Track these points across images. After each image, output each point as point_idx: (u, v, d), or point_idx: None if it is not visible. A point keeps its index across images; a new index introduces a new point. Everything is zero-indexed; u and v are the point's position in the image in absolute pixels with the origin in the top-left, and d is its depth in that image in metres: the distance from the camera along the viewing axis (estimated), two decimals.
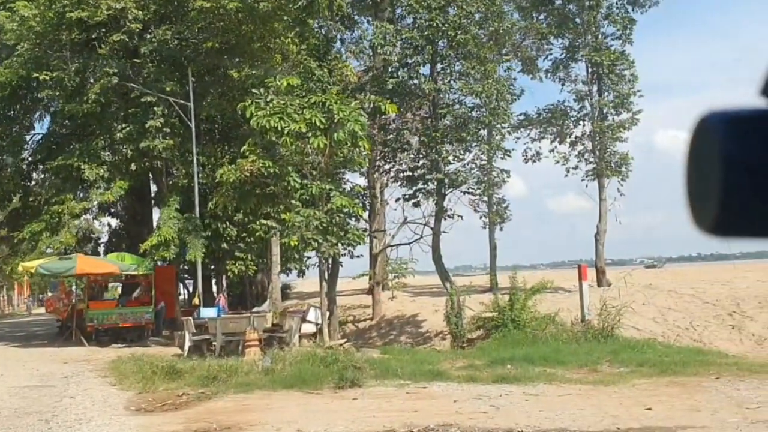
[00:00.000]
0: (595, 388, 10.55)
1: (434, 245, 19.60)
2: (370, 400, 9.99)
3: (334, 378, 11.29)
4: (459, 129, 18.15)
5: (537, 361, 12.98)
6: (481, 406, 9.24)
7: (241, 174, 15.33)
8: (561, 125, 31.04)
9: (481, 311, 18.61)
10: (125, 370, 13.43)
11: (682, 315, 20.83)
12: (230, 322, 17.13)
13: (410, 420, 8.41)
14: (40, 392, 11.61)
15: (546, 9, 31.20)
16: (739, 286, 24.99)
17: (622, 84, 29.26)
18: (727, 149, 0.67)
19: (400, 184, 19.48)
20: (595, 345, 14.87)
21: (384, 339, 21.98)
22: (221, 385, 11.50)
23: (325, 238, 15.41)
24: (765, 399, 9.34)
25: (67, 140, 23.26)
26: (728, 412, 8.54)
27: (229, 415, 9.30)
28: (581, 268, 17.24)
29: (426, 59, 17.91)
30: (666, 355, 13.77)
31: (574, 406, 9.08)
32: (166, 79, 21.00)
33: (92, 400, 10.84)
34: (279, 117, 14.54)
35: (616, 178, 28.99)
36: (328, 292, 18.30)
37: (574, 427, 7.86)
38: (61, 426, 8.72)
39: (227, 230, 23.48)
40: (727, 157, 0.67)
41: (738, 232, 0.69)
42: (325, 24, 19.82)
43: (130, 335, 21.81)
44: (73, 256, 20.32)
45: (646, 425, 7.92)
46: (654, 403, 9.13)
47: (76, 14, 19.64)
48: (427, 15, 17.32)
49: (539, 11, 31.27)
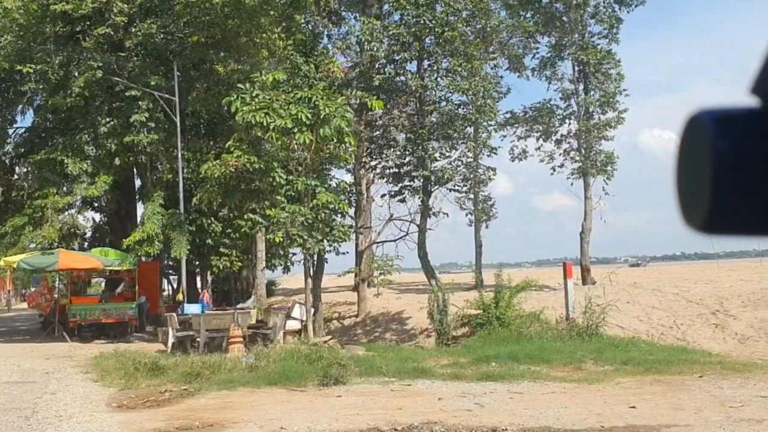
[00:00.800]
0: (579, 386, 10.56)
1: (420, 242, 19.57)
2: (354, 398, 9.94)
3: (319, 375, 11.23)
4: (445, 126, 18.11)
5: (522, 359, 13.00)
6: (465, 404, 9.21)
7: (226, 169, 15.19)
8: (547, 123, 30.99)
9: (466, 309, 18.62)
10: (107, 367, 13.29)
11: (666, 314, 20.96)
12: (214, 318, 16.98)
13: (394, 418, 8.37)
14: (21, 388, 11.45)
15: (533, 7, 31.06)
16: (722, 285, 25.16)
17: (608, 83, 29.18)
18: (717, 147, 0.68)
19: (386, 180, 19.43)
20: (580, 343, 14.90)
21: (369, 336, 21.91)
22: (204, 382, 11.41)
23: (311, 235, 15.33)
24: (748, 397, 9.38)
25: (50, 134, 23.02)
26: (711, 410, 8.57)
27: (211, 413, 9.21)
28: (566, 266, 17.28)
29: (413, 56, 17.85)
30: (650, 353, 13.82)
31: (559, 404, 9.08)
32: (151, 73, 20.77)
33: (73, 396, 10.71)
34: (265, 112, 14.43)
35: (602, 176, 28.97)
36: (313, 288, 18.21)
37: (558, 425, 7.85)
38: (42, 422, 8.60)
39: (212, 226, 23.34)
40: (718, 155, 0.67)
41: (728, 230, 0.69)
42: (312, 20, 19.65)
43: (113, 331, 21.63)
44: (55, 251, 20.09)
45: (630, 423, 7.92)
46: (638, 402, 9.15)
47: (60, 6, 19.37)
48: (414, 11, 17.26)
49: (526, 9, 31.16)
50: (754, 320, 19.73)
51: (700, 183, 0.68)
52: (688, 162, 0.72)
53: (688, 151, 0.72)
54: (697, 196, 0.69)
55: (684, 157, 0.73)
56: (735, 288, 24.00)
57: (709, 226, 0.69)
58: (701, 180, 0.68)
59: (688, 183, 0.72)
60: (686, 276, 29.74)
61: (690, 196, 0.71)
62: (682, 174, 0.73)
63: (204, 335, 16.40)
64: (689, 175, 0.71)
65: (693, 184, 0.70)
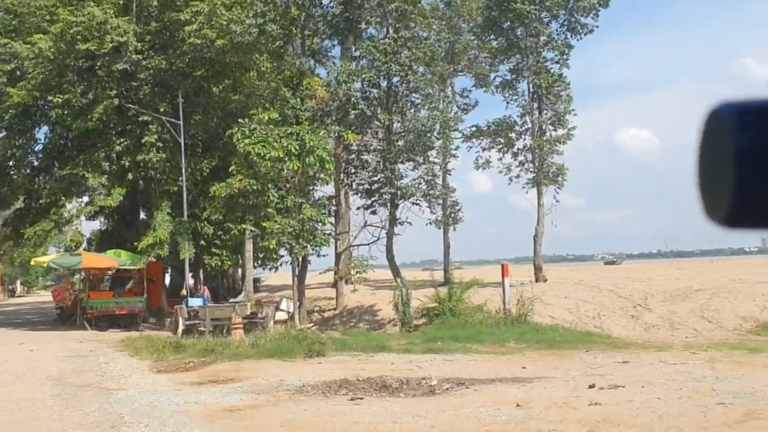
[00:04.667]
0: (495, 357, 14.45)
1: (388, 246, 23.36)
2: (331, 364, 13.75)
3: (304, 350, 15.02)
4: (409, 151, 21.96)
5: (461, 340, 16.87)
6: (409, 367, 13.06)
7: (231, 190, 18.95)
8: (507, 137, 34.85)
9: (426, 302, 22.48)
10: (138, 346, 17.00)
11: (594, 306, 24.88)
12: (217, 309, 20.77)
13: (358, 374, 12.18)
14: (80, 360, 15.15)
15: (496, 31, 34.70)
16: (655, 283, 28.96)
17: (559, 103, 32.90)
18: (739, 140, 0.68)
19: (360, 196, 23.24)
20: (510, 328, 18.80)
21: (345, 325, 25.66)
22: (218, 356, 15.14)
23: (298, 242, 19.15)
24: (609, 363, 13.28)
25: (69, 150, 26.53)
26: (577, 370, 12.45)
27: (229, 373, 12.97)
28: (504, 267, 21.18)
29: (382, 93, 21.65)
30: (561, 336, 17.74)
31: (474, 366, 12.95)
32: (160, 101, 24.42)
33: (122, 364, 14.43)
34: (262, 144, 18.20)
35: (553, 186, 32.85)
36: (299, 285, 22.00)
37: (467, 376, 11.72)
38: (113, 378, 12.34)
39: (204, 228, 26.77)
40: (740, 148, 0.67)
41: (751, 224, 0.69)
42: (298, 60, 23.30)
43: (123, 321, 25.21)
44: (79, 253, 23.70)
45: (516, 376, 11.79)
46: (530, 365, 13.04)
47: (84, 45, 22.95)
48: (383, 58, 21.06)
49: (490, 33, 34.68)
50: (665, 312, 23.72)
51: (722, 176, 0.68)
52: (709, 156, 0.72)
53: (709, 145, 0.72)
54: (719, 190, 0.69)
55: (705, 150, 0.72)
56: (664, 285, 27.82)
57: (731, 220, 0.69)
58: (723, 173, 0.68)
59: (709, 177, 0.71)
60: (631, 275, 33.75)
61: (712, 190, 0.71)
62: (704, 168, 0.72)
63: (209, 323, 20.15)
64: (711, 168, 0.71)
65: (715, 178, 0.70)
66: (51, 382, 11.75)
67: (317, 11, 22.94)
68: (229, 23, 21.66)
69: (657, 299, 25.47)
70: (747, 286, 26.33)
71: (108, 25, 22.78)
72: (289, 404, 9.57)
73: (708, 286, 27.10)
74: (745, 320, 22.52)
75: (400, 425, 8.09)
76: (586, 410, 8.82)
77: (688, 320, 22.72)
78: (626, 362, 13.28)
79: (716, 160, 0.69)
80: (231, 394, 10.49)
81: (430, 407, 9.17)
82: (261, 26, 21.46)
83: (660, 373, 11.97)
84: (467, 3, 35.56)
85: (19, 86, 23.72)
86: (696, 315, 23.26)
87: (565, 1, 32.43)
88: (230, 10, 22.98)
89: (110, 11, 23.30)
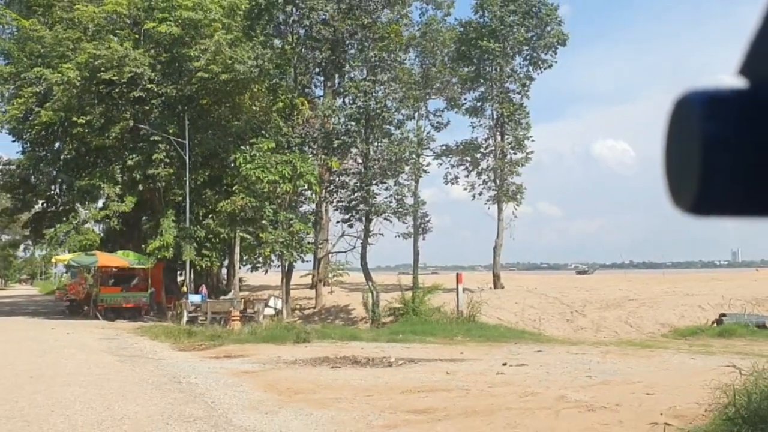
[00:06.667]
0: (442, 346, 18.54)
1: (362, 254, 27.38)
2: (315, 348, 17.75)
3: (293, 337, 19.00)
4: (383, 175, 26.04)
5: (419, 333, 20.96)
6: (375, 351, 17.08)
7: (234, 206, 22.90)
8: (473, 157, 38.92)
9: (393, 303, 26.55)
10: (155, 332, 20.87)
11: (537, 311, 29.07)
12: (217, 304, 24.67)
13: (336, 354, 16.19)
14: (114, 341, 18.99)
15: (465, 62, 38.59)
16: (598, 293, 33.09)
17: (519, 130, 36.90)
18: (705, 129, 0.69)
19: (339, 211, 27.27)
20: (460, 326, 22.90)
21: (323, 322, 29.57)
22: (223, 341, 19.05)
23: (288, 251, 23.15)
24: (527, 351, 17.36)
25: (85, 163, 30.28)
26: (500, 355, 16.53)
27: (236, 351, 16.90)
28: (458, 276, 25.33)
29: (361, 126, 25.70)
30: (501, 333, 21.92)
31: (425, 352, 17.02)
32: (168, 123, 28.26)
33: (149, 344, 18.30)
34: (261, 169, 22.20)
35: (513, 203, 36.99)
36: (286, 286, 25.98)
37: (417, 356, 15.78)
38: (150, 352, 16.22)
39: (197, 232, 30.51)
40: (706, 136, 0.69)
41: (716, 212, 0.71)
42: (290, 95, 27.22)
43: (128, 313, 28.95)
44: (95, 253, 27.48)
45: (453, 358, 15.86)
46: (467, 351, 17.14)
47: (106, 74, 26.74)
48: (362, 97, 25.13)
49: (461, 63, 38.51)
50: (596, 318, 27.99)
51: (689, 164, 0.70)
52: (676, 144, 0.73)
53: (676, 133, 0.73)
54: (685, 178, 0.71)
55: (672, 138, 0.73)
56: (605, 295, 31.97)
57: (697, 208, 0.70)
58: (690, 161, 0.70)
59: (676, 165, 0.73)
60: (583, 284, 38.14)
61: (678, 178, 0.72)
62: (671, 156, 0.74)
63: (210, 316, 24.05)
64: (678, 156, 0.72)
65: (681, 166, 0.71)
66: (107, 353, 15.65)
67: (308, 53, 26.95)
68: (233, 63, 25.60)
69: (593, 306, 29.65)
70: (675, 298, 30.61)
71: (127, 58, 26.59)
72: (288, 370, 13.58)
73: (642, 296, 31.41)
74: (662, 326, 26.81)
75: (366, 381, 12.12)
76: (492, 377, 12.92)
77: (613, 325, 27.03)
78: (540, 351, 17.43)
79: (682, 148, 0.71)
80: (243, 364, 14.47)
81: (387, 373, 13.24)
82: (260, 66, 25.44)
83: (561, 358, 16.11)
84: (441, 34, 39.27)
85: (47, 107, 27.43)
86: (621, 321, 27.57)
87: (527, 40, 36.26)
88: (232, 48, 26.93)
89: (128, 44, 27.13)
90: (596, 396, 10.75)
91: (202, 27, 27.06)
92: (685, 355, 16.92)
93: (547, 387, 11.87)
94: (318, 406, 9.55)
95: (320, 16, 25.82)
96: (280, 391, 10.78)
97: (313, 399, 10.14)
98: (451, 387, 11.73)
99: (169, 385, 10.87)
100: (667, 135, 0.74)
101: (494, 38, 35.04)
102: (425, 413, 9.45)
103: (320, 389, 11.13)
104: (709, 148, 0.68)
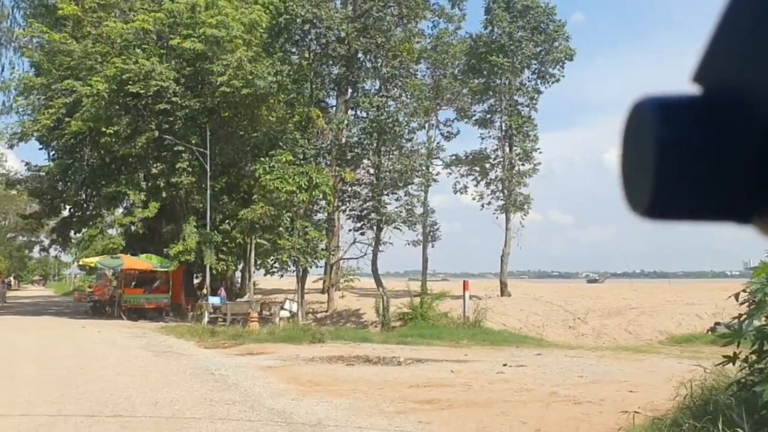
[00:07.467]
0: (449, 348, 19.85)
1: (373, 261, 28.74)
2: (330, 347, 19.10)
3: (309, 338, 20.36)
4: (393, 186, 27.42)
5: (426, 337, 22.27)
6: (385, 351, 18.42)
7: (255, 215, 24.34)
8: (482, 167, 40.13)
9: (402, 308, 27.88)
10: (180, 331, 22.29)
11: (541, 318, 30.31)
12: (236, 306, 26.08)
13: (350, 353, 17.54)
14: (144, 339, 20.41)
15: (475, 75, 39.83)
16: (602, 301, 34.21)
17: (527, 142, 38.08)
18: (658, 133, 0.70)
19: (352, 220, 28.68)
20: (466, 330, 24.21)
21: (335, 325, 30.95)
22: (244, 340, 20.44)
23: (303, 256, 24.55)
24: (527, 354, 18.65)
25: (111, 170, 31.83)
26: (502, 358, 17.81)
27: (257, 349, 18.28)
28: (465, 283, 26.64)
29: (373, 139, 27.10)
30: (504, 338, 23.19)
31: (431, 353, 18.33)
32: (191, 134, 29.76)
33: (176, 342, 19.70)
34: (280, 180, 23.62)
35: (520, 213, 38.18)
36: (300, 290, 27.37)
37: (424, 357, 17.09)
38: (179, 349, 17.61)
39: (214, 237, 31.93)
40: (659, 141, 0.69)
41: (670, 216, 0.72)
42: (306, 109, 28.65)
43: (150, 314, 30.41)
44: (120, 256, 28.99)
45: (458, 359, 17.14)
46: (471, 354, 18.42)
47: (133, 88, 28.26)
48: (375, 111, 26.53)
49: (472, 76, 39.74)
50: (597, 325, 29.20)
51: (644, 169, 0.70)
52: (631, 148, 0.74)
53: (631, 137, 0.74)
54: (640, 182, 0.71)
55: (628, 143, 0.74)
56: (608, 303, 33.08)
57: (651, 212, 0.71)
58: (644, 166, 0.70)
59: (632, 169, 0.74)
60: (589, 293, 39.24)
61: (634, 182, 0.73)
62: (627, 160, 0.75)
63: (230, 317, 25.46)
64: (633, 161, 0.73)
65: (637, 170, 0.72)
66: (141, 349, 17.08)
67: (324, 69, 28.42)
68: (254, 78, 27.07)
69: (595, 314, 30.81)
70: (675, 307, 31.69)
71: (153, 72, 28.12)
72: (306, 366, 14.95)
73: (644, 305, 32.52)
74: (660, 333, 27.95)
75: (377, 377, 13.47)
76: (493, 376, 14.23)
77: (613, 332, 28.22)
78: (539, 354, 18.71)
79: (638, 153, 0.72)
80: (265, 360, 15.84)
81: (397, 370, 14.58)
82: (279, 81, 26.92)
83: (558, 361, 17.38)
84: (452, 47, 40.45)
85: (76, 117, 28.98)
86: (621, 328, 28.75)
87: (535, 55, 37.42)
88: (252, 63, 28.42)
89: (154, 59, 28.67)
90: (584, 392, 12.05)
91: (224, 43, 28.53)
92: (674, 359, 18.16)
93: (542, 384, 13.17)
94: (336, 395, 10.90)
95: (336, 34, 27.24)
96: (301, 383, 12.15)
97: (331, 390, 11.49)
98: (454, 383, 13.04)
99: (204, 376, 12.26)
100: (623, 139, 0.75)
101: (503, 53, 35.91)
102: (430, 403, 10.78)
103: (337, 382, 12.48)
104: (662, 152, 0.69)
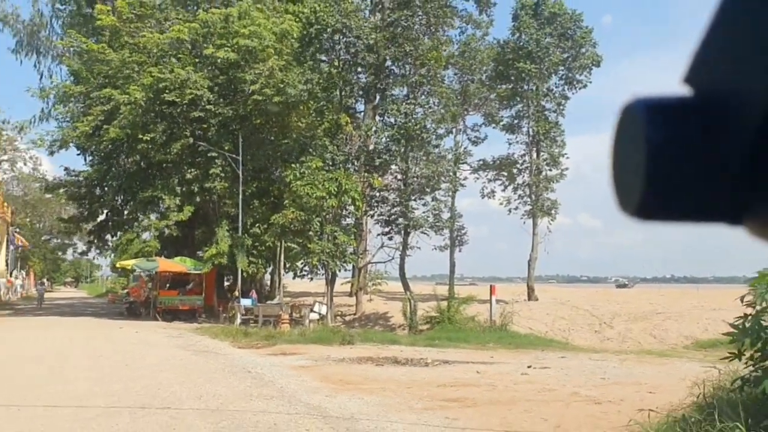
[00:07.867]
0: (475, 351, 20.34)
1: (401, 265, 29.34)
2: (359, 349, 19.71)
3: (339, 339, 20.99)
4: (421, 192, 28.00)
5: (453, 340, 22.77)
6: (413, 353, 18.97)
7: (286, 220, 25.09)
8: (509, 173, 40.46)
9: (430, 312, 28.41)
10: (215, 331, 23.07)
11: (567, 322, 30.62)
12: (268, 308, 26.84)
13: (379, 354, 18.12)
14: (180, 339, 21.20)
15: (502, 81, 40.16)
16: (628, 305, 34.28)
17: (554, 147, 38.34)
18: (649, 135, 0.70)
19: (380, 225, 29.31)
20: (492, 334, 24.65)
21: (364, 327, 31.57)
22: (276, 341, 21.12)
23: (332, 260, 25.22)
24: (552, 357, 19.08)
25: (147, 176, 32.85)
26: (527, 360, 18.26)
27: (289, 350, 18.94)
28: (492, 288, 27.10)
29: (401, 146, 27.71)
30: (530, 341, 23.60)
31: (458, 355, 18.84)
32: (224, 141, 30.63)
33: (212, 343, 20.45)
34: (310, 186, 24.34)
35: (547, 218, 38.41)
36: (330, 292, 28.04)
37: (451, 359, 17.61)
38: (215, 349, 18.35)
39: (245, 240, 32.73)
40: (649, 142, 0.70)
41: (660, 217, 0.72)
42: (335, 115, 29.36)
43: (184, 315, 31.31)
44: (156, 258, 29.94)
45: (484, 360, 17.63)
46: (497, 356, 18.88)
47: (168, 96, 29.20)
48: (402, 118, 27.14)
49: (499, 82, 40.05)
50: (622, 329, 29.41)
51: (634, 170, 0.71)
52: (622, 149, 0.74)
53: (622, 139, 0.74)
54: (631, 183, 0.72)
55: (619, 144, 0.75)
56: (633, 308, 33.17)
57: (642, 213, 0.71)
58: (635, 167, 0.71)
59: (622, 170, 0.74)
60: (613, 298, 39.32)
61: (624, 183, 0.73)
62: (618, 161, 0.75)
63: (261, 318, 26.21)
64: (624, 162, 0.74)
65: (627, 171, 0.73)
66: (179, 349, 17.85)
67: (353, 77, 29.11)
68: (285, 86, 27.85)
69: (621, 319, 30.98)
70: (702, 312, 31.71)
71: (188, 81, 29.04)
72: (337, 366, 15.57)
73: (670, 310, 32.58)
74: (686, 338, 28.06)
75: (406, 376, 14.04)
76: (517, 377, 14.72)
77: (638, 336, 28.43)
78: (564, 357, 19.12)
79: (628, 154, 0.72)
80: (298, 360, 16.50)
81: (424, 371, 15.14)
82: (309, 90, 27.67)
83: (581, 363, 17.79)
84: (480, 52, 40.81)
85: (114, 124, 30.02)
86: (646, 333, 28.93)
87: (562, 61, 37.70)
88: (283, 72, 29.21)
89: (189, 68, 29.60)
90: (605, 393, 12.50)
91: (257, 52, 29.35)
92: (696, 363, 18.46)
93: (564, 385, 13.64)
94: (367, 393, 11.49)
95: (365, 43, 27.90)
96: (334, 382, 12.76)
97: (362, 388, 12.09)
98: (480, 383, 13.57)
99: (242, 374, 12.95)
100: (614, 140, 0.75)
101: (530, 59, 36.15)
102: (457, 401, 11.33)
103: (367, 381, 13.08)
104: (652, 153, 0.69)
